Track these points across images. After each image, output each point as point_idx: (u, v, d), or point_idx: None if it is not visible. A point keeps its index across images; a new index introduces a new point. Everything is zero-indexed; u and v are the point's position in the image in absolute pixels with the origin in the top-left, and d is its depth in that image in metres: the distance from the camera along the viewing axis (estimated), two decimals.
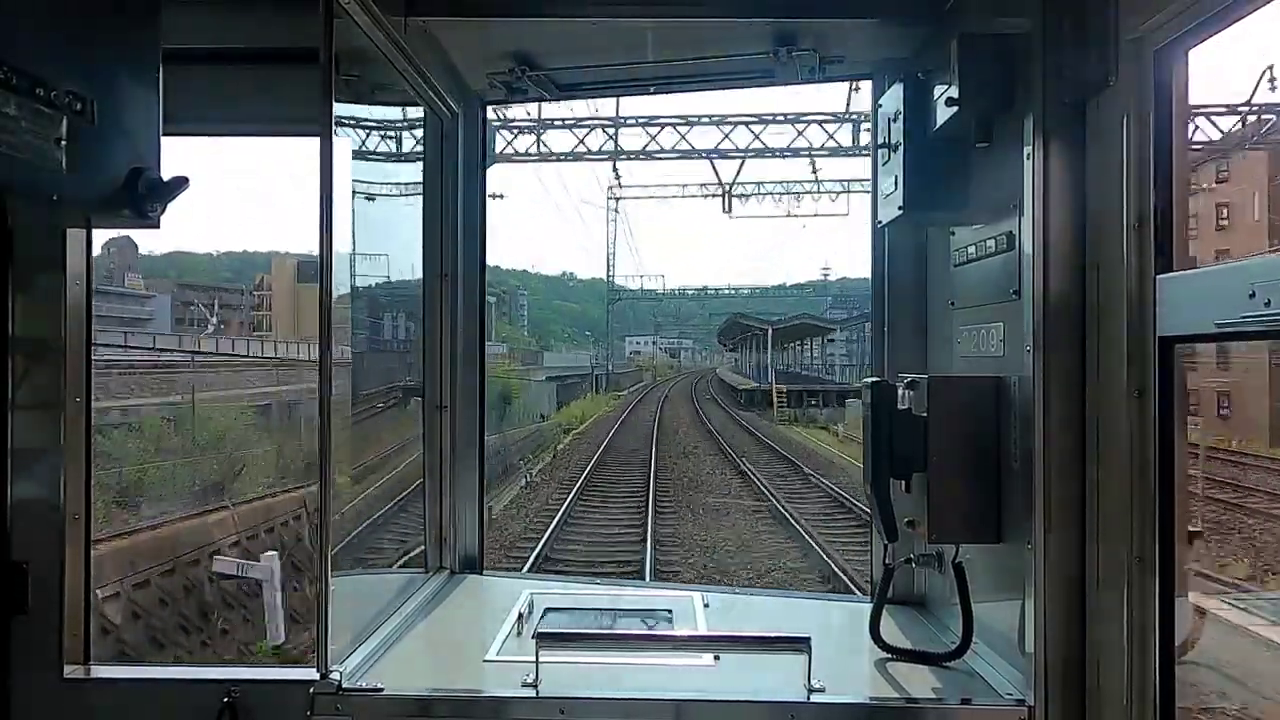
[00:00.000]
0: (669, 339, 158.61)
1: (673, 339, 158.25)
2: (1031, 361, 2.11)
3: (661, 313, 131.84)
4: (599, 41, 2.97)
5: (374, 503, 3.48)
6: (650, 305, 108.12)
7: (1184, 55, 1.89)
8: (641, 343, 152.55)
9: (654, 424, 37.86)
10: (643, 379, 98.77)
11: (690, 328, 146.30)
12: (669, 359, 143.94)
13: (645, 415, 44.55)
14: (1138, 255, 1.91)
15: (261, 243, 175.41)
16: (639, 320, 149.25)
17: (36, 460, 2.59)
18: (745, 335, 76.06)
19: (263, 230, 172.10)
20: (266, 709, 2.46)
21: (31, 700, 2.54)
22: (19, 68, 1.88)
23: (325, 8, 2.20)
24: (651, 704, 2.23)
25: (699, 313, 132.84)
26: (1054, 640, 2.09)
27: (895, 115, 2.69)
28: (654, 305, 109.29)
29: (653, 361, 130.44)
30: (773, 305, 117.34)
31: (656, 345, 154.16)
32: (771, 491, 20.46)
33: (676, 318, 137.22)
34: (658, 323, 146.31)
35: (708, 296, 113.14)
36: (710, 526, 17.35)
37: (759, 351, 68.04)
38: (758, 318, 71.31)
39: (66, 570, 2.59)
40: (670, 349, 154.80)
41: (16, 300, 2.56)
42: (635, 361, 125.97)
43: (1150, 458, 1.89)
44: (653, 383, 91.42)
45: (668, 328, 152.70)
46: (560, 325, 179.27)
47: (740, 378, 73.53)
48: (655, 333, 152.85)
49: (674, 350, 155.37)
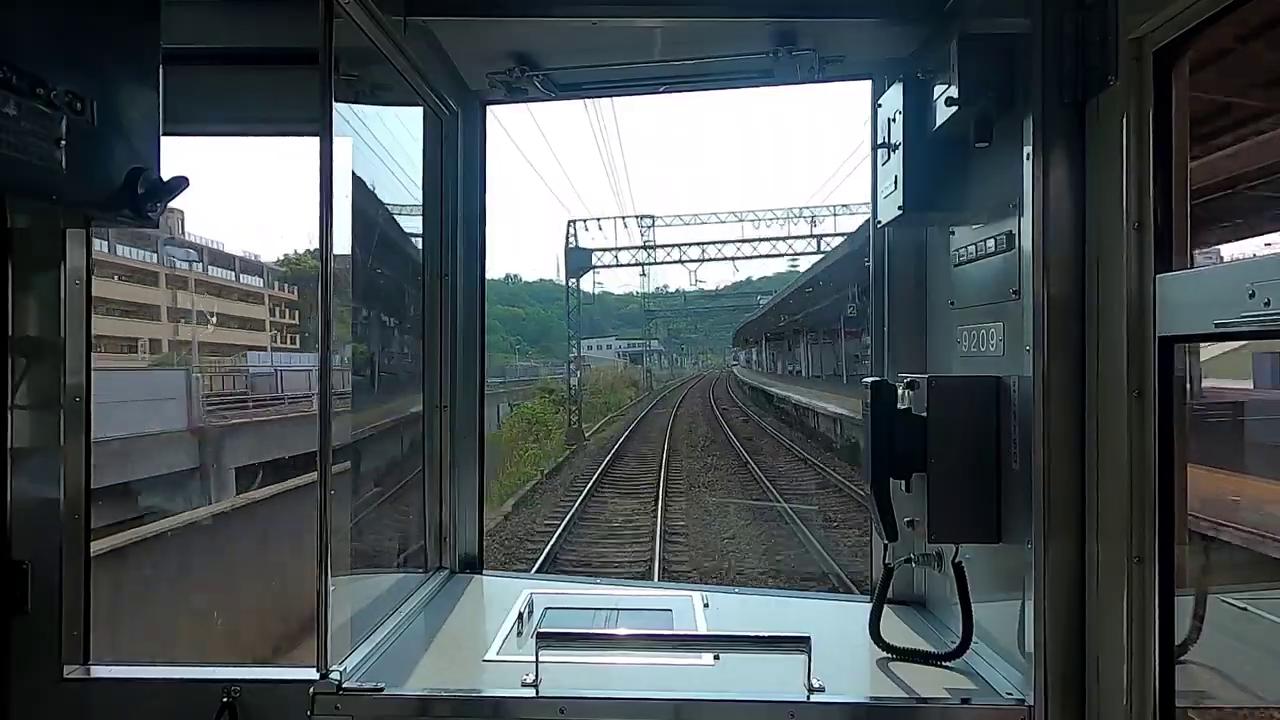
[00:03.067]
0: (632, 341, 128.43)
1: (638, 342, 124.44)
2: (1031, 361, 2.11)
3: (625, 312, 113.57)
4: (599, 41, 2.97)
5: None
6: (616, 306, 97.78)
7: (1184, 55, 1.89)
8: (598, 346, 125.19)
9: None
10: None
11: (669, 325, 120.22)
12: (626, 366, 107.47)
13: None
14: (1138, 255, 1.91)
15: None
16: (606, 322, 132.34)
17: (36, 460, 2.59)
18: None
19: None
20: (266, 709, 2.46)
21: (31, 700, 2.54)
22: (19, 68, 1.88)
23: (325, 8, 2.20)
24: (651, 704, 2.23)
25: (685, 311, 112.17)
26: (1054, 640, 2.09)
27: (895, 115, 2.69)
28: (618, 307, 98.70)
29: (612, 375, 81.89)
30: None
31: (618, 349, 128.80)
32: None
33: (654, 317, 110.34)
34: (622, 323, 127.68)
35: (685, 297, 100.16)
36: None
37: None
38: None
39: (66, 570, 2.59)
40: (633, 352, 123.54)
41: (16, 300, 2.57)
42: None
43: (1150, 458, 1.89)
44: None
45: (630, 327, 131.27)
46: (501, 333, 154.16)
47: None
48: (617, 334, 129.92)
49: (636, 354, 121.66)
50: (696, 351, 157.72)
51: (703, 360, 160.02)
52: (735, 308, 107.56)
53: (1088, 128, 2.08)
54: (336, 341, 2.45)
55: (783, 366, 67.85)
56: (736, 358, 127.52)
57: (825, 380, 45.59)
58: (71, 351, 2.63)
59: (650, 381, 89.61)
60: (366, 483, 3.03)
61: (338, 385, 2.59)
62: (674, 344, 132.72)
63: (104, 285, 47.60)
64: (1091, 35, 2.03)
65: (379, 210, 3.00)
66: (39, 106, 1.94)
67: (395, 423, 3.35)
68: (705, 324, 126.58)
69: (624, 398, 64.29)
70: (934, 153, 2.60)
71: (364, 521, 2.99)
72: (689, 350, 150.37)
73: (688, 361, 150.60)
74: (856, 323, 37.76)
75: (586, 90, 3.29)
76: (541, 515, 18.83)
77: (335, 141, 2.25)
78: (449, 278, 3.33)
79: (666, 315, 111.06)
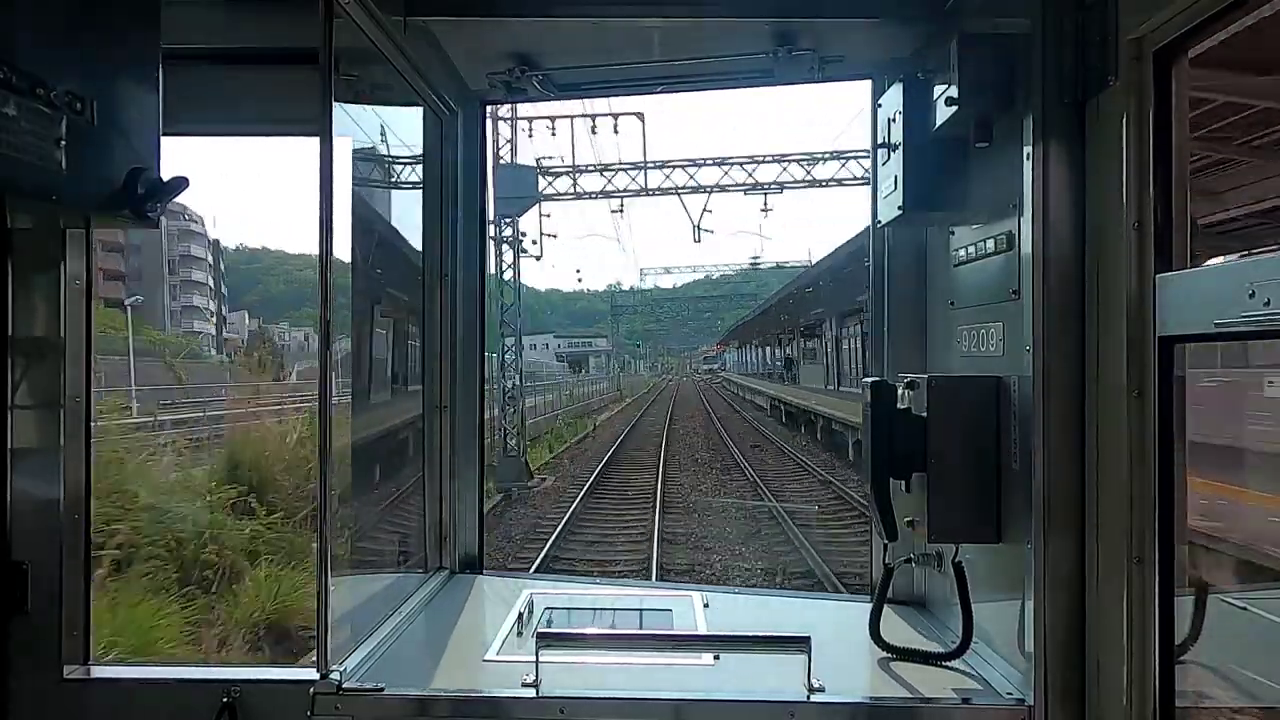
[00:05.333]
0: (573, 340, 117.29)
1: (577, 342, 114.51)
2: (1031, 361, 2.11)
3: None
4: (599, 41, 2.98)
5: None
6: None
7: (1184, 55, 1.89)
8: (531, 346, 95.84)
9: None
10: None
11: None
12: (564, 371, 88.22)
13: None
14: (1138, 255, 1.91)
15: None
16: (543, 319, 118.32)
17: (36, 460, 2.59)
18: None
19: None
20: (266, 709, 2.46)
21: (31, 700, 2.54)
22: (19, 68, 1.88)
23: (325, 8, 2.20)
24: (651, 704, 2.23)
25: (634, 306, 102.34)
26: (1054, 640, 2.09)
27: (895, 115, 2.69)
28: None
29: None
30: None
31: (558, 349, 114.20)
32: None
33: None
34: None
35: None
36: None
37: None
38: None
39: (66, 570, 2.59)
40: (574, 355, 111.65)
41: (17, 300, 2.57)
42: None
43: (1150, 458, 1.89)
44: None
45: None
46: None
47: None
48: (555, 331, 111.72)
49: (579, 358, 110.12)
50: (656, 354, 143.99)
51: (662, 364, 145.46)
52: (710, 297, 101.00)
53: (1088, 128, 2.08)
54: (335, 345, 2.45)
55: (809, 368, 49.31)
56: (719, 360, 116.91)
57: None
58: (71, 351, 2.63)
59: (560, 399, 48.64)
60: (366, 482, 3.03)
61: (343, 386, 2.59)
62: (629, 346, 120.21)
63: None
64: (1091, 35, 2.03)
65: (379, 210, 3.00)
66: (39, 106, 1.93)
67: (395, 422, 3.35)
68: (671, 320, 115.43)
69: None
70: (934, 153, 2.60)
71: (364, 522, 2.99)
72: (650, 351, 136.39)
73: (643, 365, 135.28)
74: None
75: (586, 90, 3.30)
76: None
77: (335, 141, 2.25)
78: (449, 278, 3.33)
79: (635, 309, 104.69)
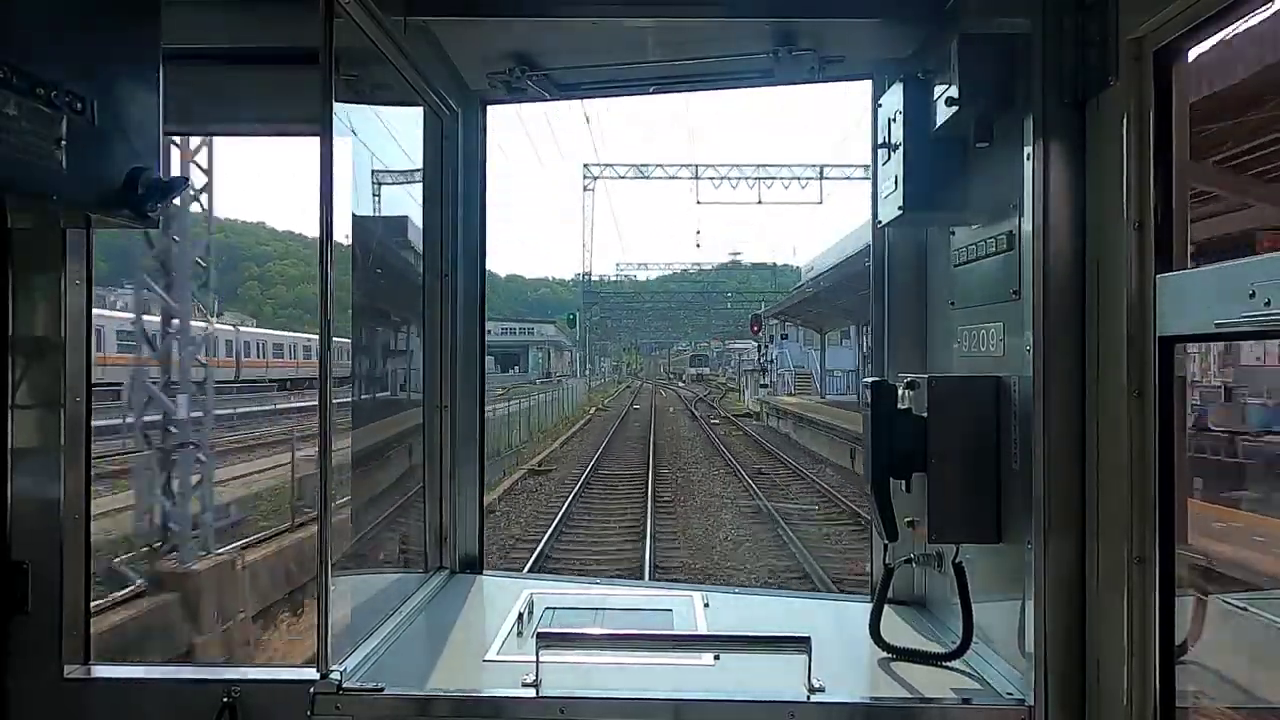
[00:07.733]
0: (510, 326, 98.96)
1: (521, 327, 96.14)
2: (1031, 361, 2.11)
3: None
4: (599, 41, 2.97)
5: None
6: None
7: (1184, 55, 1.89)
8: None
9: None
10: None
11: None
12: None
13: None
14: (1138, 255, 1.91)
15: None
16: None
17: (36, 460, 2.59)
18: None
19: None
20: (266, 709, 2.46)
21: (31, 700, 2.54)
22: (19, 68, 1.88)
23: (325, 8, 2.20)
24: (651, 704, 2.23)
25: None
26: (1054, 640, 2.09)
27: (895, 115, 2.68)
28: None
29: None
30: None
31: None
32: None
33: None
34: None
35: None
36: None
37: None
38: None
39: (66, 570, 2.59)
40: (507, 347, 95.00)
41: (17, 300, 2.56)
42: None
43: (1150, 458, 1.89)
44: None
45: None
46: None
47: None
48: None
49: (514, 351, 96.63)
50: (620, 350, 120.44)
51: (627, 365, 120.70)
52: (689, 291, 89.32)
53: (1088, 128, 2.08)
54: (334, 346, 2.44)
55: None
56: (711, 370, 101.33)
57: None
58: (71, 351, 2.62)
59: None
60: (367, 482, 3.03)
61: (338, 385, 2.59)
62: (597, 338, 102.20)
63: None
64: (1091, 35, 2.03)
65: (378, 210, 3.00)
66: (39, 106, 1.93)
67: (395, 422, 3.35)
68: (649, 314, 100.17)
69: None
70: (934, 153, 2.59)
71: (364, 521, 2.99)
72: (615, 349, 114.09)
73: (607, 365, 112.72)
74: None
75: (586, 90, 3.29)
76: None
77: (335, 141, 2.25)
78: (449, 278, 3.33)
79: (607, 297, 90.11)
